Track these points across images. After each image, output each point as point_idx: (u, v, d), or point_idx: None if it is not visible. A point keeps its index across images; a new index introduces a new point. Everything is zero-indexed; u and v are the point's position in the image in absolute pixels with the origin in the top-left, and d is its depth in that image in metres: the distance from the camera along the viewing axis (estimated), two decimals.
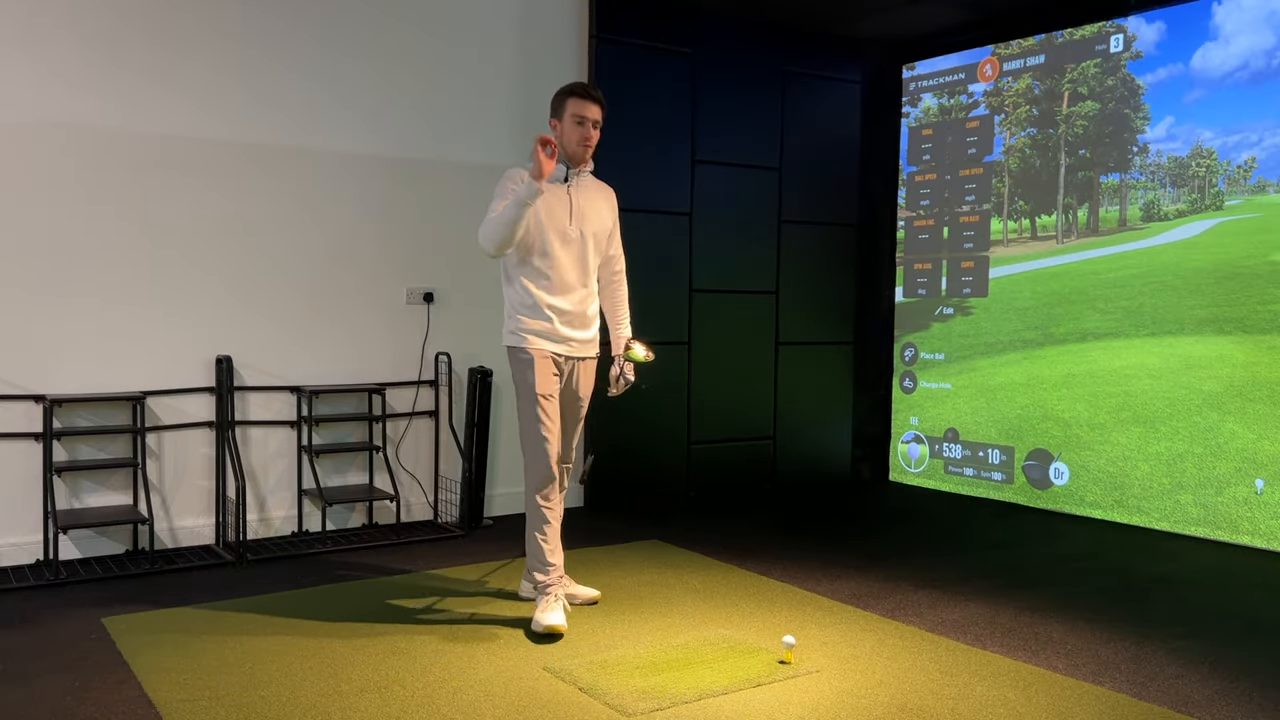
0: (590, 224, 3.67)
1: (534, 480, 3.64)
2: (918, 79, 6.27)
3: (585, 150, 3.64)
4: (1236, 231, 4.87)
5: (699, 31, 5.74)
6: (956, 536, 5.00)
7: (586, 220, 3.66)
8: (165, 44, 4.45)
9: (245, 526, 4.47)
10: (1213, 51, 4.93)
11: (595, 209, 3.71)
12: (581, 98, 3.60)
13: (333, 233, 4.87)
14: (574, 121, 3.60)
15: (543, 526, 3.63)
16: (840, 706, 2.90)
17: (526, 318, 3.62)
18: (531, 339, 3.62)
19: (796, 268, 6.19)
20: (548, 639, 3.43)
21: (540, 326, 3.61)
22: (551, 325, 3.61)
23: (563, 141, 3.62)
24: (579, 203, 3.65)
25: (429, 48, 5.07)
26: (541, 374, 3.61)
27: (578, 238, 3.63)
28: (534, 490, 3.64)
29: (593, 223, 3.68)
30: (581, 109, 3.59)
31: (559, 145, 3.60)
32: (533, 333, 3.62)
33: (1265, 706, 2.94)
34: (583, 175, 3.70)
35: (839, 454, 6.44)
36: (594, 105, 3.62)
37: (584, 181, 3.71)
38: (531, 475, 3.65)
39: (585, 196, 3.68)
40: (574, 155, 3.64)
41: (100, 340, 4.37)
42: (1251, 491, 4.72)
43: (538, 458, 3.62)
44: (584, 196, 3.68)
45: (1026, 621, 3.66)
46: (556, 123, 3.64)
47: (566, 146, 3.62)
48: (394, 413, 5.05)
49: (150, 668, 3.13)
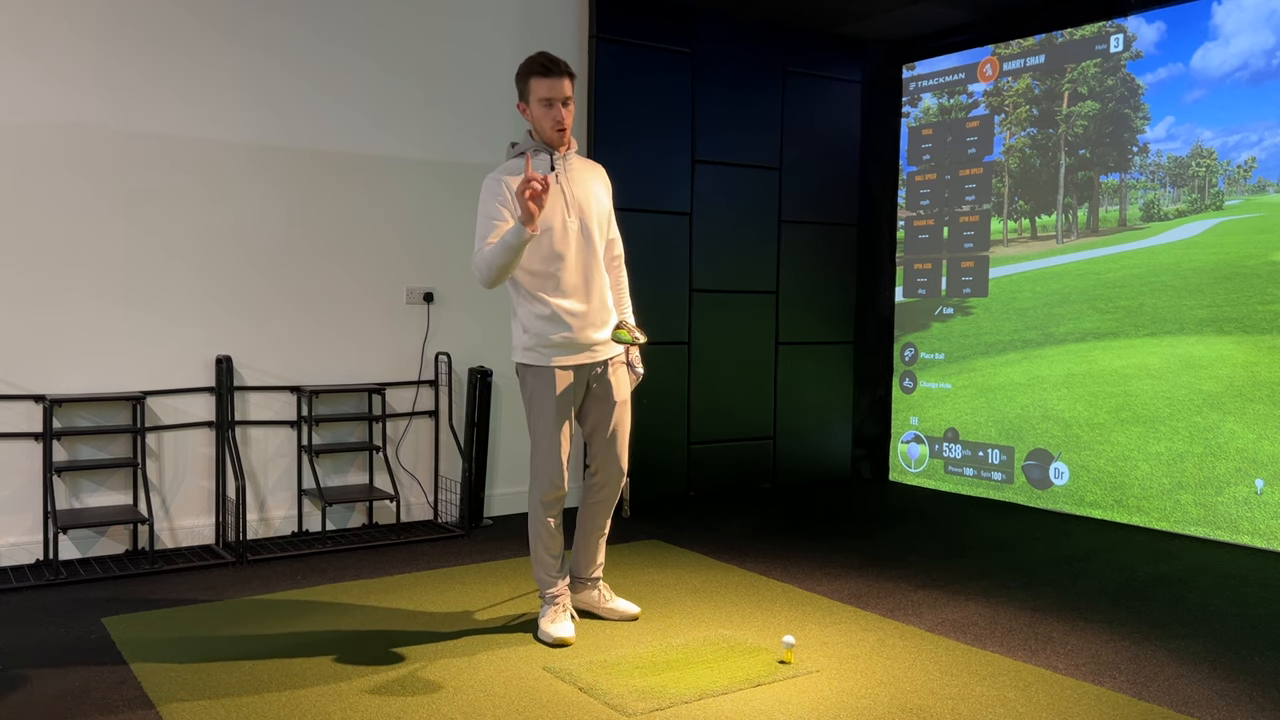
0: (588, 209, 3.38)
1: (541, 496, 3.44)
2: (918, 79, 6.27)
3: (561, 134, 3.32)
4: (1236, 231, 4.87)
5: (699, 31, 5.75)
6: (956, 536, 5.00)
7: (583, 208, 3.37)
8: (165, 44, 4.45)
9: (245, 526, 4.47)
10: (1213, 51, 4.93)
11: (589, 192, 3.40)
12: (544, 75, 3.25)
13: (333, 232, 4.87)
14: (542, 105, 3.28)
15: (549, 542, 3.47)
16: (840, 706, 2.90)
17: (543, 331, 3.34)
18: (550, 355, 3.36)
19: (796, 268, 6.19)
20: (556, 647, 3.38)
21: (560, 338, 3.34)
22: (572, 334, 3.34)
23: (535, 127, 3.34)
24: (571, 191, 3.36)
25: (429, 48, 5.07)
26: (562, 395, 3.36)
27: (578, 229, 3.35)
28: (539, 508, 3.45)
29: (590, 207, 3.38)
30: (547, 89, 3.26)
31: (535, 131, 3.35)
32: (552, 347, 3.35)
33: (1265, 706, 2.94)
34: (568, 158, 3.38)
35: (839, 454, 6.44)
36: (561, 80, 3.27)
37: (571, 164, 3.39)
38: (536, 491, 3.44)
39: (576, 182, 3.38)
40: (550, 140, 3.34)
41: (100, 340, 4.37)
42: (1251, 491, 4.72)
43: (546, 477, 3.41)
44: (575, 182, 3.37)
45: (1026, 621, 3.66)
46: (524, 107, 3.34)
47: (540, 132, 3.33)
48: (394, 413, 5.05)
49: (150, 668, 3.13)
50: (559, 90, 3.28)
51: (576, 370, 3.41)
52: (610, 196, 3.54)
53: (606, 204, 3.49)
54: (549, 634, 3.40)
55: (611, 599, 3.68)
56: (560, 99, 3.29)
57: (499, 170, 3.38)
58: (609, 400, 3.48)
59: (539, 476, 3.43)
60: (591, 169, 3.50)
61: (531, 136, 3.41)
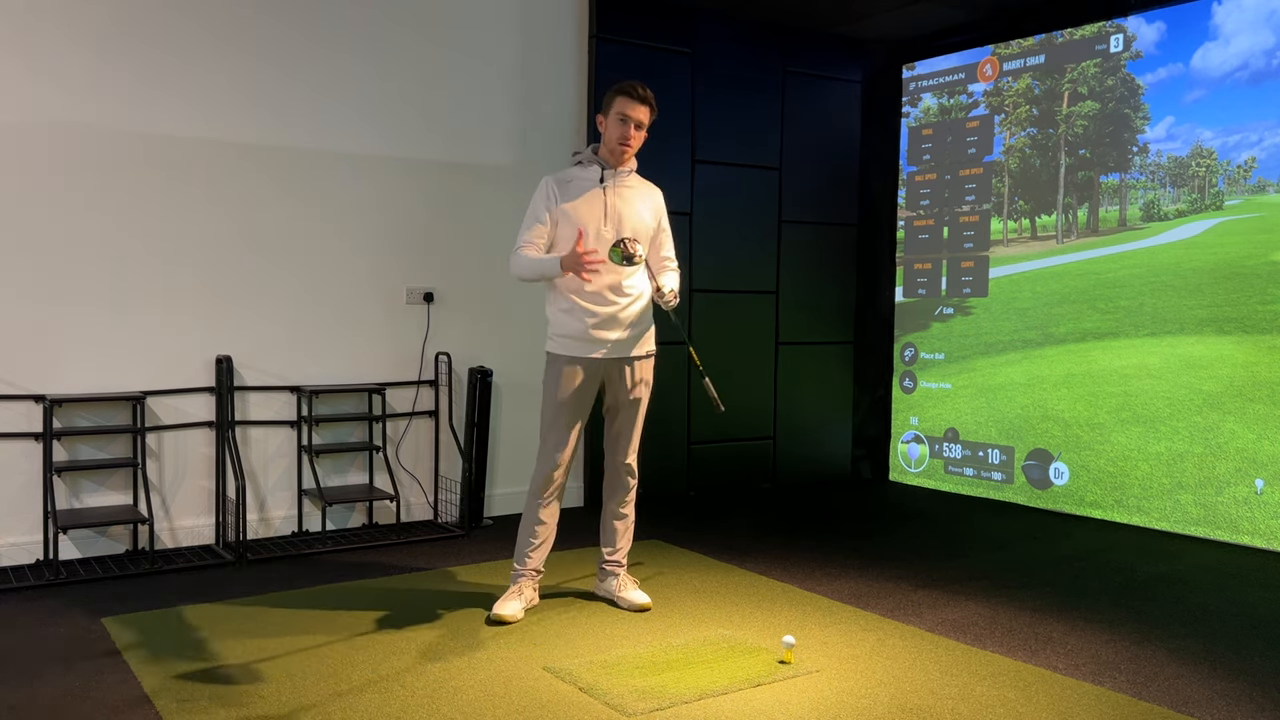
0: (625, 222, 3.60)
1: (537, 480, 3.68)
2: (918, 79, 6.27)
3: (624, 150, 3.60)
4: (1236, 231, 4.87)
5: (699, 31, 5.75)
6: (956, 536, 5.00)
7: (623, 221, 3.60)
8: (165, 45, 4.45)
9: (245, 526, 4.47)
10: (1213, 51, 4.93)
11: (633, 210, 3.64)
12: (629, 97, 3.56)
13: (333, 232, 4.87)
14: (617, 119, 3.57)
15: (534, 527, 3.71)
16: (840, 706, 2.90)
17: (564, 324, 3.59)
18: (564, 343, 3.60)
19: (796, 268, 6.19)
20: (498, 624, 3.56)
21: (574, 330, 3.58)
22: (584, 329, 3.56)
23: (605, 138, 3.62)
24: (614, 204, 3.60)
25: (429, 48, 5.07)
26: (566, 381, 3.60)
27: (611, 238, 3.54)
28: (534, 491, 3.70)
29: (627, 221, 3.61)
30: (627, 108, 3.56)
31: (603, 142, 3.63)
32: (565, 336, 3.60)
33: (1265, 706, 2.94)
34: (620, 175, 3.64)
35: (839, 454, 6.45)
36: (641, 106, 3.58)
37: (623, 182, 3.65)
38: (536, 475, 3.68)
39: (622, 198, 3.63)
40: (613, 154, 3.62)
41: (100, 340, 4.36)
42: (1251, 491, 4.72)
43: (546, 461, 3.65)
44: (621, 198, 3.62)
45: (1026, 621, 3.66)
46: (603, 119, 3.62)
47: (608, 143, 3.61)
48: (394, 413, 5.05)
49: (150, 668, 3.13)
50: (638, 113, 3.58)
51: (592, 363, 3.61)
52: (660, 218, 3.76)
53: (649, 221, 3.70)
54: (493, 609, 3.61)
55: (626, 588, 3.82)
56: (635, 121, 3.58)
57: (554, 175, 3.67)
58: (627, 396, 3.70)
59: (539, 458, 3.67)
60: (645, 190, 3.74)
61: (596, 153, 3.68)
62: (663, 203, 3.78)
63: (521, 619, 3.62)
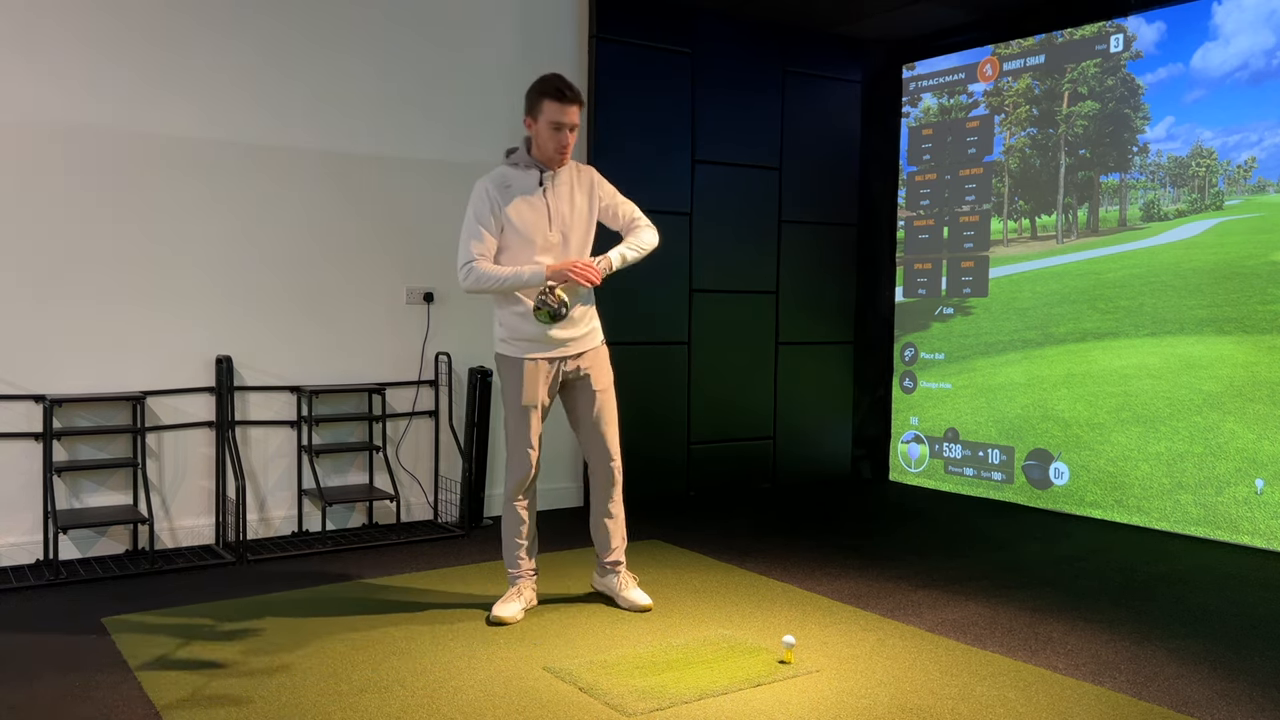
0: (572, 224, 3.56)
1: (511, 485, 3.69)
2: (918, 79, 6.27)
3: (562, 156, 3.50)
4: (1236, 231, 4.87)
5: (699, 31, 5.75)
6: (956, 536, 5.00)
7: (567, 222, 3.55)
8: (165, 44, 4.45)
9: (245, 526, 4.47)
10: (1213, 51, 4.93)
11: (573, 207, 3.57)
12: (558, 101, 3.41)
13: (333, 232, 4.87)
14: (551, 128, 3.43)
15: (518, 528, 3.72)
16: (840, 706, 2.90)
17: (517, 325, 3.55)
18: (521, 345, 3.57)
19: (796, 268, 6.19)
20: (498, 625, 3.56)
21: (530, 332, 3.54)
22: (541, 330, 3.53)
23: (537, 143, 3.49)
24: (556, 206, 3.53)
25: (429, 48, 5.07)
26: (529, 383, 3.58)
27: (559, 242, 3.53)
28: (510, 494, 3.70)
29: (573, 222, 3.56)
30: (559, 114, 3.42)
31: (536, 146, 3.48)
32: (522, 340, 3.56)
33: (1265, 706, 2.94)
34: (558, 175, 3.55)
35: (839, 453, 6.45)
36: (571, 107, 3.43)
37: (559, 180, 3.55)
38: (510, 480, 3.68)
39: (559, 196, 3.54)
40: (550, 161, 3.51)
41: (100, 340, 4.37)
42: (1251, 491, 4.72)
43: (519, 464, 3.65)
44: (559, 197, 3.54)
45: (1026, 621, 3.66)
46: (531, 122, 3.47)
47: (543, 152, 3.49)
48: (394, 413, 5.05)
49: (150, 668, 3.13)
50: (570, 117, 3.44)
51: (548, 363, 3.60)
52: (598, 190, 3.64)
53: (589, 212, 3.62)
54: (492, 611, 3.59)
55: (627, 587, 3.81)
56: (569, 125, 3.45)
57: (491, 178, 3.54)
58: (588, 389, 3.67)
59: (509, 460, 3.68)
60: (577, 178, 3.61)
61: (529, 151, 3.55)
62: (596, 176, 3.65)
63: (521, 620, 3.62)
